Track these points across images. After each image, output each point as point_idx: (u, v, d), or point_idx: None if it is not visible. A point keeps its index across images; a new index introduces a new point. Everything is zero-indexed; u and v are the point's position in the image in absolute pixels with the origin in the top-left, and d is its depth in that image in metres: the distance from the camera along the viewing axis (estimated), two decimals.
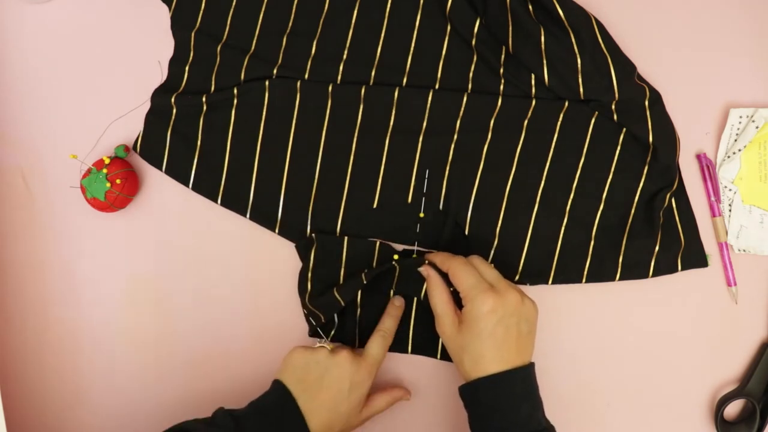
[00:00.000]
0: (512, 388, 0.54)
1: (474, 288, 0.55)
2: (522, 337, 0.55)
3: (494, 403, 0.54)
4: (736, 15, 0.64)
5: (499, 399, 0.54)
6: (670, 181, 0.62)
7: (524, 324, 0.56)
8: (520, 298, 0.56)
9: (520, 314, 0.55)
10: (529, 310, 0.56)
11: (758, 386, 0.62)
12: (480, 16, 0.63)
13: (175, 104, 0.65)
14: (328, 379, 0.56)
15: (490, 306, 0.54)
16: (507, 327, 0.54)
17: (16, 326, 0.66)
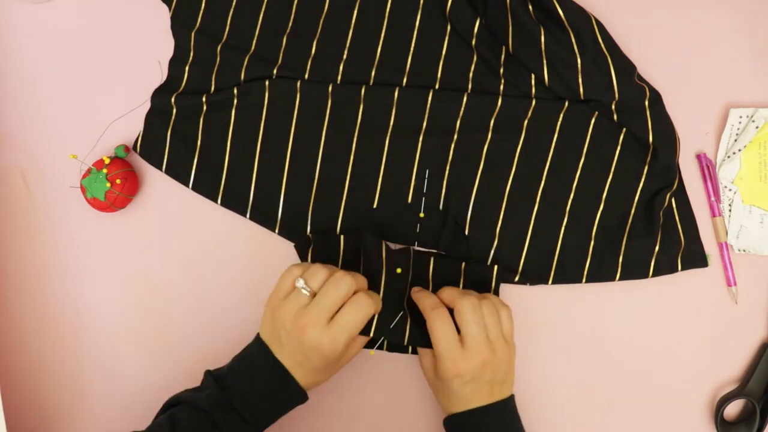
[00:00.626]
0: (486, 423, 0.55)
1: (443, 350, 0.55)
2: (495, 385, 0.56)
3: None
4: (736, 15, 0.64)
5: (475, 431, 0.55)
6: (670, 181, 0.62)
7: (498, 376, 0.56)
8: (491, 360, 0.54)
9: (493, 370, 0.55)
10: (503, 363, 0.56)
11: (758, 386, 0.62)
12: (480, 16, 0.63)
13: (175, 104, 0.65)
14: (300, 349, 0.54)
15: (456, 372, 0.54)
16: (475, 387, 0.55)
17: (16, 326, 0.66)
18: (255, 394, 0.54)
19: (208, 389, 0.54)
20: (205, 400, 0.53)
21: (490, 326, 0.56)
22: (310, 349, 0.53)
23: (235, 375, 0.55)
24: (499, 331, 0.56)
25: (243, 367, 0.56)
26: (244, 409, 0.54)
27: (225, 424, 0.53)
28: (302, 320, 0.53)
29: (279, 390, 0.55)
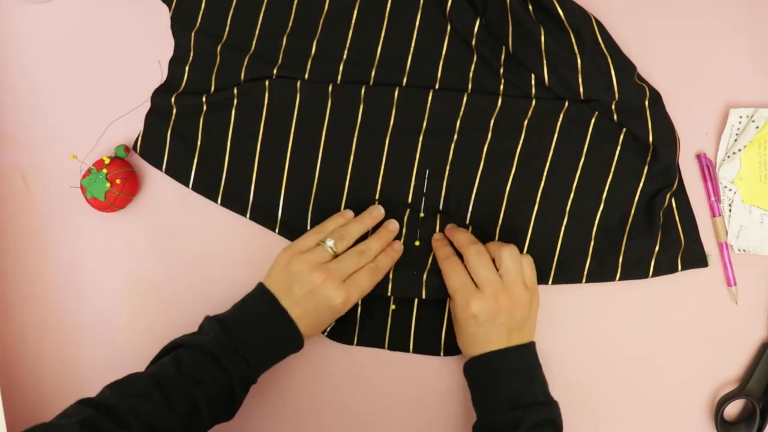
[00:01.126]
0: (507, 364, 0.56)
1: (457, 292, 0.57)
2: (513, 329, 0.57)
3: (487, 380, 0.57)
4: (736, 15, 0.64)
5: (492, 376, 0.56)
6: (670, 181, 0.62)
7: (515, 320, 0.57)
8: (507, 303, 0.56)
9: (509, 315, 0.56)
10: (520, 309, 0.57)
11: (758, 386, 0.62)
12: (480, 16, 0.63)
13: (175, 104, 0.65)
14: (312, 300, 0.56)
15: (471, 312, 0.56)
16: (491, 328, 0.56)
17: (17, 326, 0.66)
18: (258, 338, 0.56)
19: (212, 333, 0.55)
20: (210, 343, 0.54)
21: (509, 271, 0.57)
22: (323, 302, 0.56)
23: (239, 320, 0.57)
24: (518, 276, 0.57)
25: (247, 313, 0.57)
26: (247, 352, 0.55)
27: (230, 365, 0.54)
28: (322, 275, 0.56)
29: (282, 336, 0.57)
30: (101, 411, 0.49)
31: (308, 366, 0.64)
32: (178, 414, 0.52)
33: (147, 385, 0.52)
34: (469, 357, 0.58)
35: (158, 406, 0.51)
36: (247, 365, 0.55)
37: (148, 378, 0.53)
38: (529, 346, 0.58)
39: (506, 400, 0.55)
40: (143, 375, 0.54)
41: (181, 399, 0.53)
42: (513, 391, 0.56)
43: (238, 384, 0.55)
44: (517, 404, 0.55)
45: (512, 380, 0.56)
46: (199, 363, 0.54)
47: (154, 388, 0.52)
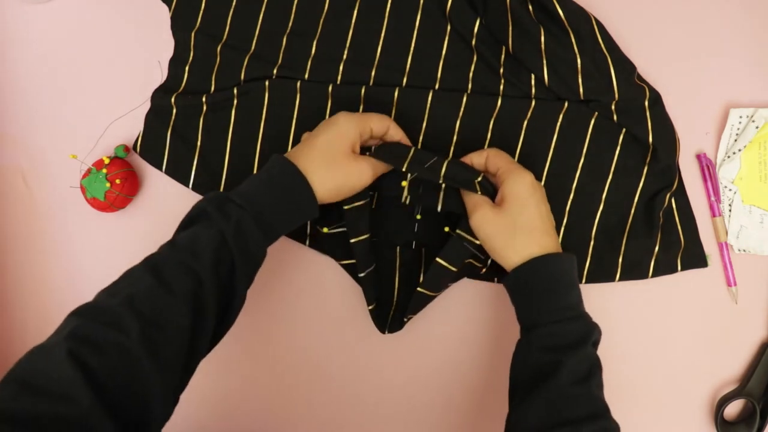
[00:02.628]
0: (565, 270, 0.54)
1: (512, 164, 0.57)
2: (552, 226, 0.57)
3: (548, 284, 0.53)
4: (736, 15, 0.64)
5: (554, 280, 0.53)
6: (670, 181, 0.62)
7: (546, 208, 0.57)
8: (537, 183, 0.57)
9: (549, 207, 0.57)
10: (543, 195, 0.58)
11: (758, 386, 0.62)
12: (480, 16, 0.63)
13: (175, 104, 0.65)
14: (318, 130, 0.56)
15: (531, 180, 0.56)
16: (547, 206, 0.56)
17: (17, 326, 0.66)
18: (259, 188, 0.53)
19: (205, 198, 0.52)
20: (204, 204, 0.51)
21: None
22: (336, 133, 0.55)
23: (247, 185, 0.54)
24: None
25: (255, 178, 0.54)
26: (242, 199, 0.52)
27: (222, 220, 0.50)
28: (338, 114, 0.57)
29: (297, 199, 0.53)
30: (89, 317, 0.44)
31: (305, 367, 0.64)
32: (178, 295, 0.46)
33: (139, 272, 0.47)
34: (518, 260, 0.54)
35: (152, 289, 0.46)
36: (239, 208, 0.51)
37: (140, 265, 0.48)
38: (574, 259, 0.55)
39: (571, 307, 0.53)
40: (136, 265, 0.49)
41: (175, 272, 0.47)
42: (575, 299, 0.54)
43: (231, 238, 0.50)
44: (580, 313, 0.53)
45: (572, 288, 0.54)
46: (196, 232, 0.50)
47: (146, 272, 0.47)
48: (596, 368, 0.52)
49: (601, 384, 0.53)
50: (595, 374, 0.52)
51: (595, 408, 0.50)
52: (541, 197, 0.56)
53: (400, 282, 0.64)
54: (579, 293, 0.55)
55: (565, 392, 0.50)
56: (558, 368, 0.50)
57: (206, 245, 0.49)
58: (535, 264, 0.54)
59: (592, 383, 0.51)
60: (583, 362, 0.51)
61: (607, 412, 0.51)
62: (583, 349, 0.52)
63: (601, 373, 0.53)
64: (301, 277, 0.65)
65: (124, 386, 0.42)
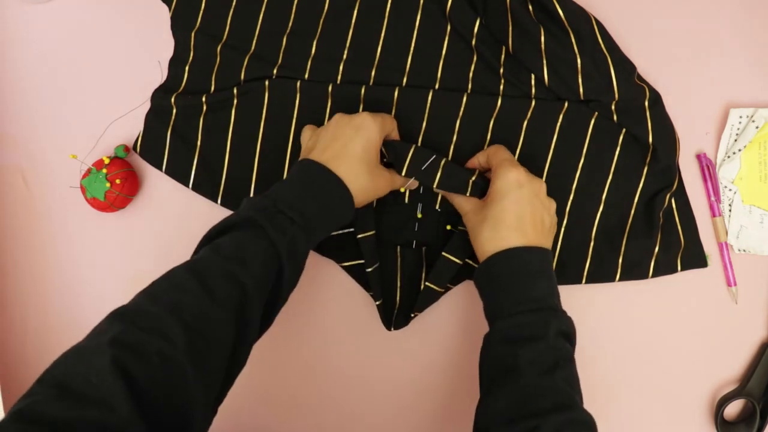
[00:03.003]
0: (529, 263, 0.54)
1: (506, 160, 0.57)
2: (543, 225, 0.56)
3: (509, 277, 0.53)
4: (736, 15, 0.64)
5: (515, 273, 0.53)
6: (670, 181, 0.62)
7: (546, 215, 0.57)
8: (544, 188, 0.57)
9: (543, 201, 0.57)
10: (552, 205, 0.58)
11: (758, 386, 0.62)
12: (480, 16, 0.63)
13: (175, 104, 0.65)
14: (345, 134, 0.55)
15: (517, 176, 0.55)
16: (531, 203, 0.55)
17: (17, 326, 0.66)
18: (301, 194, 0.52)
19: (248, 203, 0.52)
20: (248, 212, 0.51)
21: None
22: (357, 130, 0.55)
23: (279, 186, 0.53)
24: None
25: (288, 180, 0.54)
26: (291, 210, 0.51)
27: (273, 229, 0.50)
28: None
29: (340, 210, 0.54)
30: (133, 322, 0.43)
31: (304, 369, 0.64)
32: (223, 305, 0.46)
33: (182, 276, 0.47)
34: (485, 254, 0.55)
35: (197, 298, 0.45)
36: (292, 224, 0.50)
37: (183, 269, 0.47)
38: (549, 253, 0.56)
39: (533, 299, 0.52)
40: (178, 267, 0.48)
41: (222, 282, 0.46)
42: (542, 293, 0.53)
43: (284, 252, 0.49)
44: (543, 306, 0.52)
45: (541, 281, 0.53)
46: (242, 240, 0.49)
47: (190, 277, 0.46)
48: (564, 361, 0.51)
49: (571, 377, 0.51)
50: (563, 367, 0.50)
51: (561, 399, 0.49)
52: (527, 195, 0.55)
53: (402, 281, 0.64)
54: (547, 285, 0.54)
55: (527, 384, 0.49)
56: (516, 360, 0.50)
57: (255, 256, 0.48)
58: (495, 258, 0.54)
59: (557, 375, 0.49)
60: (545, 354, 0.50)
61: (576, 403, 0.49)
62: (543, 341, 0.50)
63: (571, 366, 0.52)
64: (302, 279, 0.65)
65: (165, 396, 0.41)
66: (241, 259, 0.48)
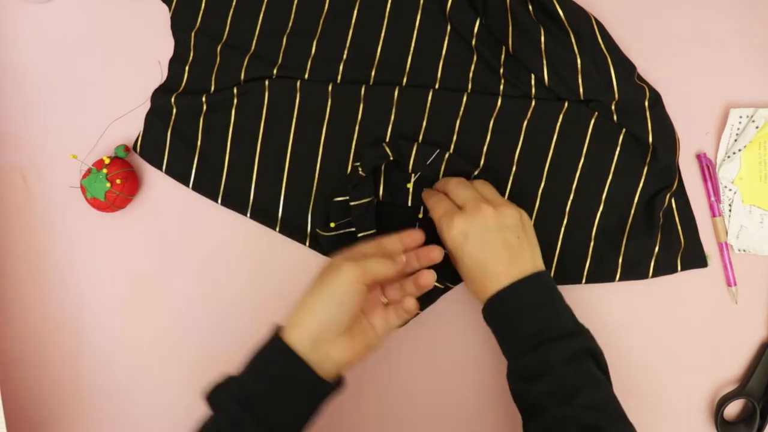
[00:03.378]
0: (522, 299, 0.53)
1: (441, 218, 0.56)
2: (512, 246, 0.54)
3: (510, 317, 0.53)
4: (736, 15, 0.64)
5: (513, 312, 0.53)
6: (670, 181, 0.62)
7: (509, 233, 0.55)
8: (493, 211, 0.54)
9: (499, 225, 0.54)
10: (509, 218, 0.55)
11: (758, 386, 0.62)
12: (480, 16, 0.63)
13: (175, 104, 0.65)
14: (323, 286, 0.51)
15: (458, 230, 0.54)
16: (483, 242, 0.54)
17: (16, 326, 0.66)
18: (271, 393, 0.50)
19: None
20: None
21: (485, 190, 0.58)
22: (333, 280, 0.50)
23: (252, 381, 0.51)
24: (499, 197, 0.58)
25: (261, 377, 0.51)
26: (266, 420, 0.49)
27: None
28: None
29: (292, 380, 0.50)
30: None
31: None
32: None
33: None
34: (484, 299, 0.55)
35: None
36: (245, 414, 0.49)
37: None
38: (542, 275, 0.54)
39: (532, 336, 0.52)
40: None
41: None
42: (538, 326, 0.52)
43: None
44: (543, 339, 0.52)
45: (534, 315, 0.53)
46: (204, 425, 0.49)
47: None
48: (584, 383, 0.51)
49: (594, 397, 0.51)
50: (583, 389, 0.51)
51: (586, 423, 0.50)
52: (475, 242, 0.54)
53: None
54: (546, 316, 0.53)
55: (550, 418, 0.50)
56: (534, 397, 0.51)
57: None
58: (487, 307, 0.55)
59: (577, 402, 0.50)
60: (558, 384, 0.51)
61: (602, 424, 0.50)
62: (552, 373, 0.51)
63: (593, 386, 0.51)
64: (302, 279, 0.65)
65: None
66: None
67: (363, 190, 0.60)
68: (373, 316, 0.53)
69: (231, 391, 0.51)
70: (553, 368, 0.51)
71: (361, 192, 0.60)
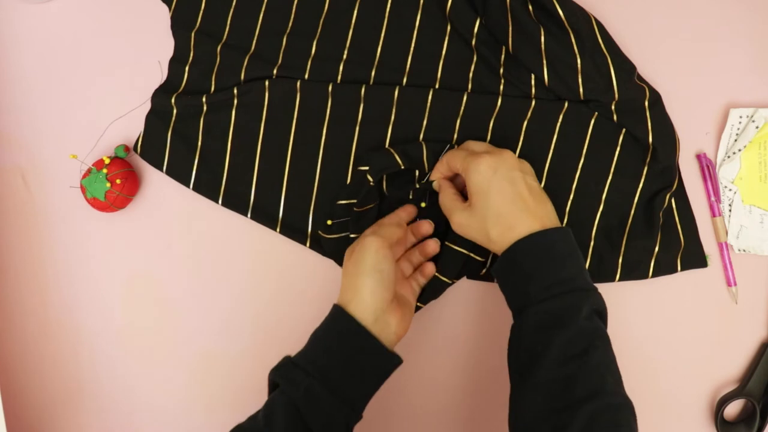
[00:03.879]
0: (552, 246, 0.52)
1: (466, 159, 0.56)
2: (535, 193, 0.54)
3: (535, 263, 0.51)
4: (737, 15, 0.64)
5: (540, 258, 0.51)
6: (670, 181, 0.62)
7: (531, 179, 0.56)
8: (515, 156, 0.56)
9: (522, 168, 0.55)
10: (529, 167, 0.57)
11: (758, 386, 0.62)
12: (480, 16, 0.63)
13: (176, 105, 0.65)
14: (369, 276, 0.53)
15: (486, 164, 0.54)
16: (512, 180, 0.54)
17: (16, 326, 0.66)
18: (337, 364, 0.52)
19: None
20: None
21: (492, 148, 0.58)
22: (363, 252, 0.54)
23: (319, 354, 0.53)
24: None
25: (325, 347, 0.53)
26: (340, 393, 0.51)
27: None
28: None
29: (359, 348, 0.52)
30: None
31: None
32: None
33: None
34: (502, 248, 0.53)
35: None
36: (306, 375, 0.51)
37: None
38: (569, 231, 0.53)
39: (562, 281, 0.50)
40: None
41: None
42: (567, 273, 0.51)
43: (302, 403, 0.50)
44: (574, 286, 0.50)
45: (565, 261, 0.51)
46: (272, 399, 0.51)
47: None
48: (597, 340, 0.49)
49: (605, 359, 0.49)
50: (597, 348, 0.49)
51: (595, 385, 0.47)
52: (504, 178, 0.54)
53: None
54: (572, 264, 0.52)
55: (558, 373, 0.48)
56: (547, 348, 0.48)
57: (281, 413, 0.50)
58: (516, 247, 0.52)
59: (590, 360, 0.48)
60: (577, 338, 0.48)
61: (612, 386, 0.48)
62: (575, 325, 0.49)
63: (605, 347, 0.49)
64: (302, 280, 0.65)
65: None
66: (268, 419, 0.50)
67: (370, 197, 0.61)
68: (402, 288, 0.58)
69: (303, 368, 0.52)
70: (578, 320, 0.49)
71: (367, 199, 0.61)
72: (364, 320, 0.52)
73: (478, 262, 0.61)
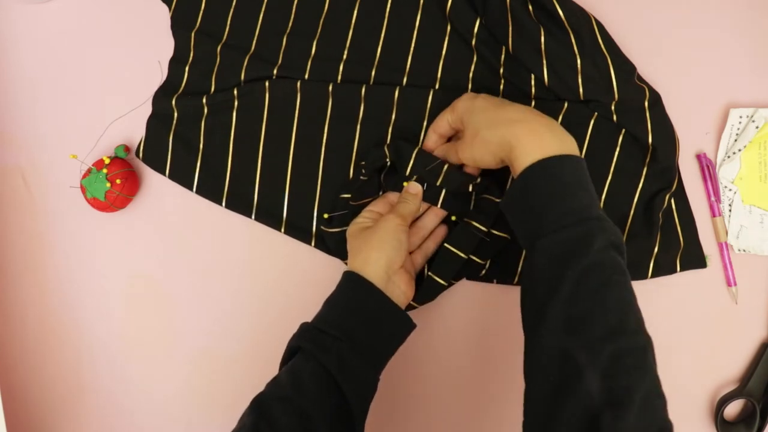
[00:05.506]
0: (563, 173, 0.48)
1: (445, 112, 0.58)
2: (542, 127, 0.51)
3: (548, 188, 0.48)
4: (736, 15, 0.64)
5: (554, 184, 0.48)
6: (670, 182, 0.62)
7: (528, 108, 0.55)
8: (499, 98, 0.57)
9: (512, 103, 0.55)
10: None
11: (758, 386, 0.62)
12: (480, 16, 0.63)
13: (176, 107, 0.65)
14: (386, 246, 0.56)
15: (465, 96, 0.57)
16: (502, 102, 0.55)
17: (16, 326, 0.66)
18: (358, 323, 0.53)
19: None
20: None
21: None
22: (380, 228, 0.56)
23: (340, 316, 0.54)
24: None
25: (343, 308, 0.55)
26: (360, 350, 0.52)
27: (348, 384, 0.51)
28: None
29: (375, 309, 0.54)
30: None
31: None
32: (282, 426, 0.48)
33: (244, 413, 0.51)
34: (523, 168, 0.49)
35: (255, 427, 0.49)
36: (335, 340, 0.52)
37: (248, 408, 0.51)
38: (582, 161, 0.50)
39: (576, 211, 0.47)
40: (246, 409, 0.51)
41: (282, 412, 0.49)
42: (581, 202, 0.47)
43: (335, 369, 0.50)
44: (588, 215, 0.47)
45: (578, 191, 0.48)
46: (295, 366, 0.52)
47: (250, 412, 0.50)
48: (617, 276, 0.46)
49: (625, 295, 0.46)
50: (615, 283, 0.45)
51: (615, 322, 0.44)
52: (485, 95, 0.56)
53: None
54: (588, 195, 0.48)
55: (575, 311, 0.44)
56: (562, 283, 0.45)
57: (309, 378, 0.50)
58: (530, 171, 0.49)
59: (609, 295, 0.44)
60: (594, 271, 0.45)
61: (633, 325, 0.44)
62: (590, 257, 0.45)
63: (623, 281, 0.46)
64: (302, 280, 0.65)
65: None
66: (296, 385, 0.50)
67: (365, 191, 0.61)
68: (413, 254, 0.61)
69: (330, 333, 0.52)
70: (593, 251, 0.46)
71: (362, 193, 0.61)
72: (378, 281, 0.55)
73: (478, 265, 0.61)
